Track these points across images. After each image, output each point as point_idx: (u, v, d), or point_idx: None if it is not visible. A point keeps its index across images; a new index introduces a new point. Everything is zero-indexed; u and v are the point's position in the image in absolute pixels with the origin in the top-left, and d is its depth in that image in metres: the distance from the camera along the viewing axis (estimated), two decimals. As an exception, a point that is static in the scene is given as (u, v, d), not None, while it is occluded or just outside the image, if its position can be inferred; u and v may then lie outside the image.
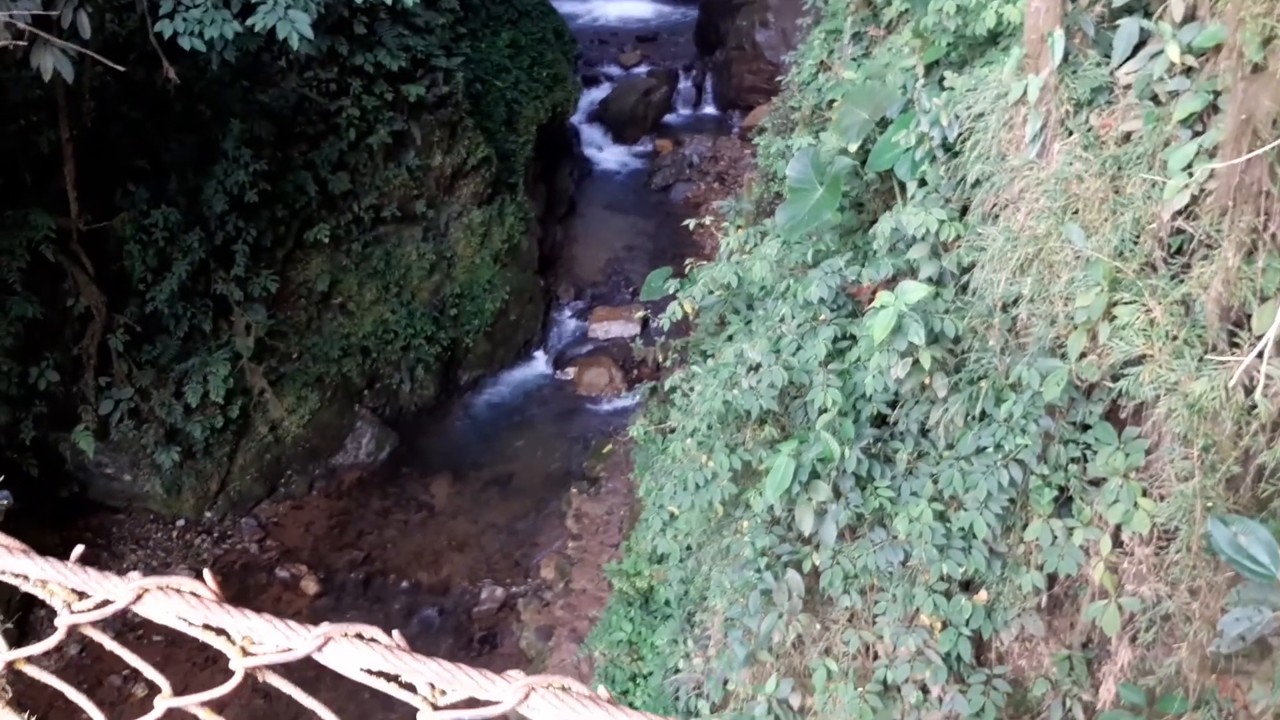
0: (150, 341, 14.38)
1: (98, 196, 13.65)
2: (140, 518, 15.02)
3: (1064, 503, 5.48)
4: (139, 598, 0.98)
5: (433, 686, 0.93)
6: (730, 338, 7.84)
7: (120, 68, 10.00)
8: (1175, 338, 4.78)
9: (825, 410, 5.91)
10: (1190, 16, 4.80)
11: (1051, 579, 5.63)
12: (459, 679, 0.92)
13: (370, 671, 0.95)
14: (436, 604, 14.35)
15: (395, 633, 0.97)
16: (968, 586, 5.90)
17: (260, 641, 0.97)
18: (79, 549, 1.06)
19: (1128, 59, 5.13)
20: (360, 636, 0.95)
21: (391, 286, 16.95)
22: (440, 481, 16.15)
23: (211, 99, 14.35)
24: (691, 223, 9.45)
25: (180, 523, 15.08)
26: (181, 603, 0.98)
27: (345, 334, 16.47)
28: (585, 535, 14.63)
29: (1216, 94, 4.68)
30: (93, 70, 11.85)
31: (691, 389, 7.32)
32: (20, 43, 8.85)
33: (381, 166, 16.52)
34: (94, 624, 1.01)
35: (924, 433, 6.00)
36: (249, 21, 10.36)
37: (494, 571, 14.69)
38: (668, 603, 9.32)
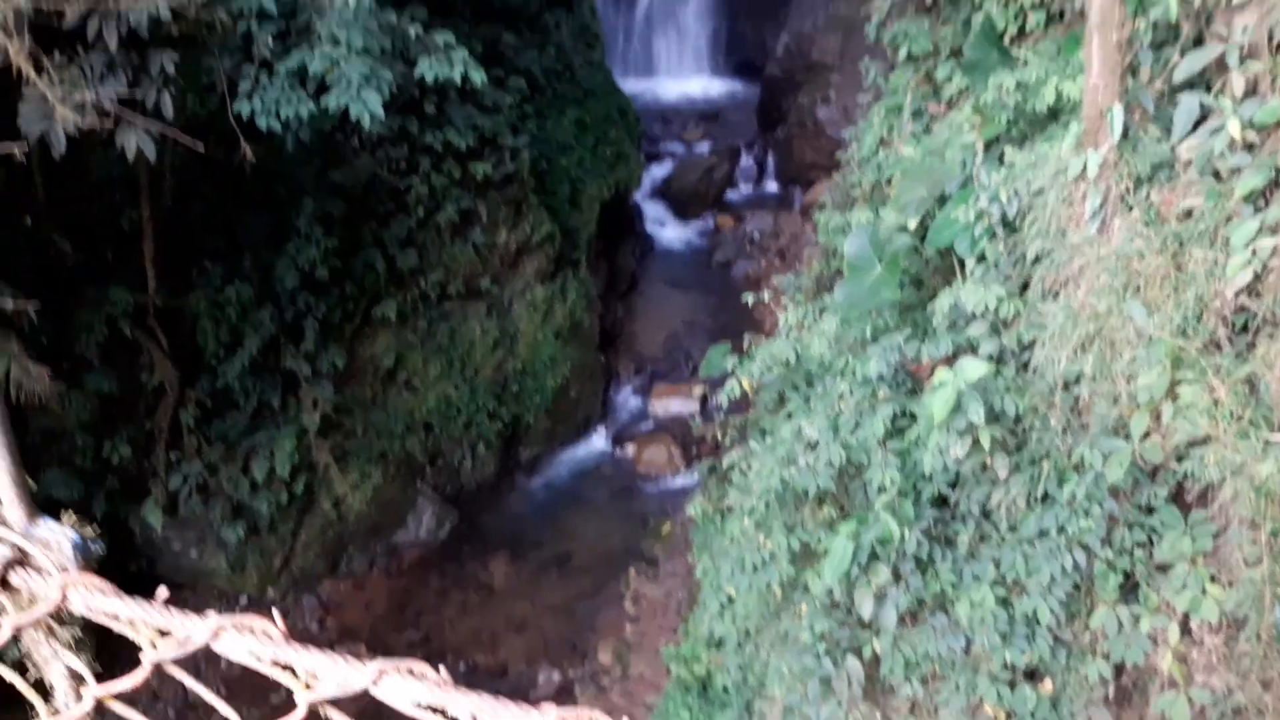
0: (220, 416, 14.61)
1: (174, 273, 14.03)
2: (205, 595, 15.09)
3: (1130, 588, 5.36)
4: (216, 634, 1.04)
5: (475, 719, 0.97)
6: (789, 415, 7.81)
7: (200, 147, 10.33)
8: (1240, 418, 4.71)
9: (884, 490, 5.87)
10: (1251, 91, 4.81)
11: (1119, 668, 5.48)
12: (499, 713, 0.96)
13: (421, 705, 0.99)
14: (494, 687, 14.13)
15: (442, 669, 1.01)
16: (1032, 675, 5.77)
17: (322, 677, 1.01)
18: (163, 590, 1.12)
19: (1188, 134, 5.14)
20: (411, 671, 0.99)
21: (455, 363, 17.11)
22: (499, 560, 16.11)
23: (286, 177, 14.75)
24: (750, 298, 9.49)
25: (243, 600, 15.13)
26: (254, 640, 1.03)
27: (409, 410, 16.62)
28: (643, 618, 14.47)
29: (1279, 170, 4.67)
30: (174, 150, 12.26)
31: (749, 467, 7.30)
32: (106, 123, 9.21)
33: (448, 243, 16.79)
34: (175, 662, 1.07)
35: (985, 514, 5.91)
36: (323, 101, 10.69)
37: (551, 654, 14.57)
38: (726, 690, 9.13)
